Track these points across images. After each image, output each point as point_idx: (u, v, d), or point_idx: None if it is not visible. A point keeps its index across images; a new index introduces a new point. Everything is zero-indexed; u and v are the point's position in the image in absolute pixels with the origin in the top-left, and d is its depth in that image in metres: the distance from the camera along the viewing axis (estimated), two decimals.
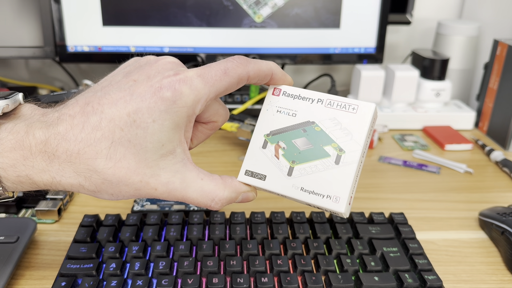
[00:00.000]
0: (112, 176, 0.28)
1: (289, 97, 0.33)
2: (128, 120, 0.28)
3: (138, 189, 0.29)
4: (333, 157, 0.30)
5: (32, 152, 0.28)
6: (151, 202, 0.48)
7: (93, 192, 0.29)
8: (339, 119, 0.31)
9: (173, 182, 0.30)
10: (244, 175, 0.32)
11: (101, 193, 0.29)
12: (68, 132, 0.28)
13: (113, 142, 0.28)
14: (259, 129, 0.33)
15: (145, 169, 0.29)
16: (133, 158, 0.28)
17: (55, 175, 0.28)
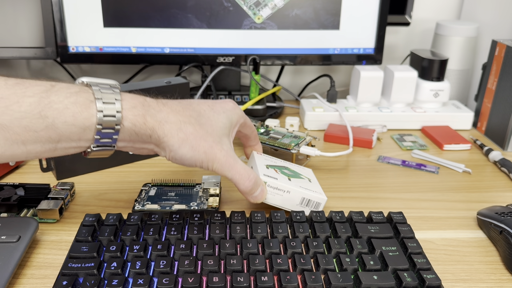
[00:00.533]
0: (198, 130, 0.41)
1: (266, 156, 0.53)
2: (208, 108, 0.44)
3: (211, 146, 0.41)
4: (306, 179, 0.50)
5: (147, 103, 0.39)
6: (152, 202, 0.49)
7: (181, 140, 0.39)
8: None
9: (229, 154, 0.42)
10: (263, 175, 0.46)
11: (184, 144, 0.40)
12: (168, 102, 0.42)
13: (199, 113, 0.42)
14: (260, 163, 0.49)
15: (215, 137, 0.42)
16: (210, 127, 0.42)
17: (161, 119, 0.39)
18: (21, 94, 0.33)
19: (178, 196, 0.50)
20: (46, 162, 0.55)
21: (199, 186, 0.52)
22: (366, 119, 0.73)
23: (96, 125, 0.36)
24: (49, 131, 0.34)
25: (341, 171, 0.60)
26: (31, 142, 0.34)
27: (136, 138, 0.39)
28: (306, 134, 0.61)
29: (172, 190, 0.51)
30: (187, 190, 0.51)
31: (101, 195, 0.52)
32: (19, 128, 0.33)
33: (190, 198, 0.50)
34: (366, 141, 0.66)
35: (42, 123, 0.34)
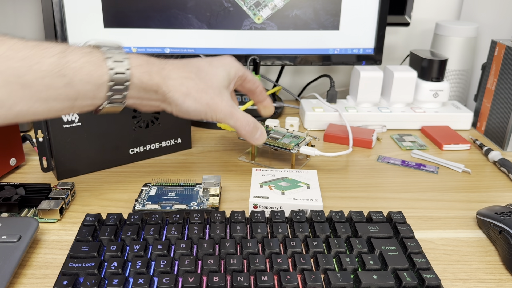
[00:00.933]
0: (199, 84, 0.45)
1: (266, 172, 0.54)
2: (206, 63, 0.48)
3: (212, 98, 0.45)
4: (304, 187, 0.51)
5: (151, 61, 0.43)
6: (152, 202, 0.49)
7: (184, 94, 0.44)
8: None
9: (230, 104, 0.47)
10: (253, 197, 0.48)
11: (187, 97, 0.44)
12: (169, 61, 0.45)
13: (198, 69, 0.46)
14: (254, 183, 0.51)
15: (215, 90, 0.46)
16: (209, 80, 0.46)
17: (164, 76, 0.43)
18: (41, 54, 0.36)
19: (178, 196, 0.50)
20: (47, 162, 0.55)
21: (199, 186, 0.52)
22: (366, 119, 0.73)
23: (108, 82, 0.39)
24: (68, 89, 0.38)
25: (341, 171, 0.60)
26: (51, 100, 0.37)
27: (143, 95, 0.43)
28: (306, 134, 0.61)
29: (172, 190, 0.51)
30: (187, 190, 0.51)
31: (101, 195, 0.52)
32: (41, 86, 0.36)
33: (190, 198, 0.50)
34: (366, 141, 0.66)
35: (61, 81, 0.37)
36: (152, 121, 0.59)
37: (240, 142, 0.67)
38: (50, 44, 0.37)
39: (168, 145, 0.62)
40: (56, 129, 0.52)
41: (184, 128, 0.63)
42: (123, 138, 0.58)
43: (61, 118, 0.52)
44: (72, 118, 0.53)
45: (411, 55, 0.78)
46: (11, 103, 0.36)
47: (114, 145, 0.57)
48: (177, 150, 0.64)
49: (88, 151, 0.56)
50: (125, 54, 0.40)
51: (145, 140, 0.60)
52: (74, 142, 0.54)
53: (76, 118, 0.53)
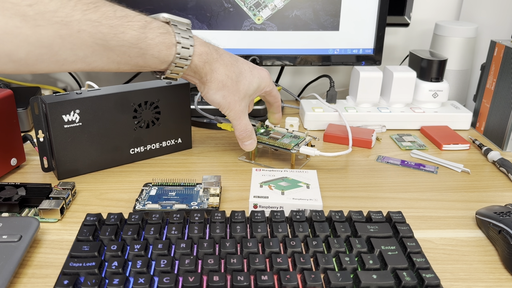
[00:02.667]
0: (234, 86, 0.53)
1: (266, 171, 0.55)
2: (248, 67, 0.55)
3: (234, 100, 0.53)
4: (304, 187, 0.51)
5: (210, 51, 0.51)
6: (153, 202, 0.49)
7: (219, 88, 0.52)
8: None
9: (243, 109, 0.55)
10: (253, 197, 0.49)
11: (219, 91, 0.52)
12: (225, 58, 0.53)
13: (234, 68, 0.53)
14: (255, 182, 0.52)
15: (242, 95, 0.54)
16: (243, 86, 0.54)
17: (214, 69, 0.51)
18: (126, 26, 0.42)
19: (178, 196, 0.50)
20: (47, 162, 0.55)
21: (200, 186, 0.52)
22: (366, 119, 0.73)
23: (172, 63, 0.47)
24: (139, 59, 0.45)
25: (340, 171, 0.60)
26: (123, 63, 0.44)
27: (191, 73, 0.51)
28: (305, 134, 0.61)
29: (173, 190, 0.52)
30: (187, 190, 0.52)
31: (102, 195, 0.52)
32: (120, 52, 0.43)
33: (190, 197, 0.50)
34: (366, 141, 0.67)
35: (137, 52, 0.44)
36: (152, 122, 0.60)
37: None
38: (134, 16, 0.43)
39: (168, 145, 0.62)
40: (57, 129, 0.52)
41: (184, 128, 0.63)
42: (124, 138, 0.58)
43: (61, 119, 0.52)
44: (73, 118, 0.53)
45: (411, 55, 0.78)
46: (92, 60, 0.42)
47: (115, 145, 0.58)
48: (177, 150, 0.64)
49: (88, 151, 0.56)
50: (192, 40, 0.48)
51: (146, 140, 0.60)
52: (75, 142, 0.54)
53: (77, 119, 0.53)
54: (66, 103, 0.52)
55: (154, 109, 0.59)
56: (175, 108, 0.61)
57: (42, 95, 0.82)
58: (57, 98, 0.52)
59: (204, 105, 0.74)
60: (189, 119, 0.63)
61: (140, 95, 0.57)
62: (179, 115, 0.62)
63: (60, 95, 0.54)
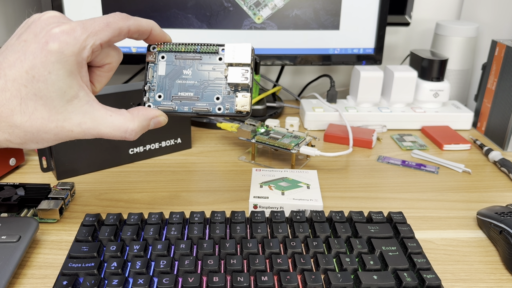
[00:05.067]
0: (30, 128, 0.32)
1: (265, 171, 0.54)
2: (28, 76, 0.31)
3: (57, 133, 0.33)
4: (304, 187, 0.51)
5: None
6: (164, 94, 0.39)
7: (20, 144, 0.33)
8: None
9: (85, 122, 0.34)
10: (253, 197, 0.48)
11: (27, 144, 0.33)
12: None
13: (21, 98, 0.32)
14: (255, 182, 0.51)
15: (56, 116, 0.33)
16: (43, 108, 0.32)
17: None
18: None
19: (196, 79, 0.38)
20: (46, 162, 0.55)
21: (222, 49, 0.38)
22: (366, 119, 0.73)
23: None
24: None
25: (341, 171, 0.60)
26: None
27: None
28: (306, 134, 0.61)
29: (189, 64, 0.38)
30: (207, 61, 0.38)
31: (101, 195, 0.52)
32: None
33: (213, 82, 0.38)
34: (366, 141, 0.66)
35: None
36: None
37: (240, 142, 0.67)
38: None
39: (168, 145, 0.62)
40: None
41: (184, 128, 0.63)
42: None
43: None
44: None
45: (411, 55, 0.78)
46: None
47: (114, 145, 0.57)
48: (177, 150, 0.64)
49: (87, 151, 0.56)
50: None
51: (145, 140, 0.60)
52: (74, 142, 0.54)
53: None
54: None
55: None
56: None
57: None
58: None
59: None
60: (189, 119, 0.63)
61: (139, 95, 0.57)
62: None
63: None
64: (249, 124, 0.62)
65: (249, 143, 0.61)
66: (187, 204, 0.51)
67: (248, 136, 0.60)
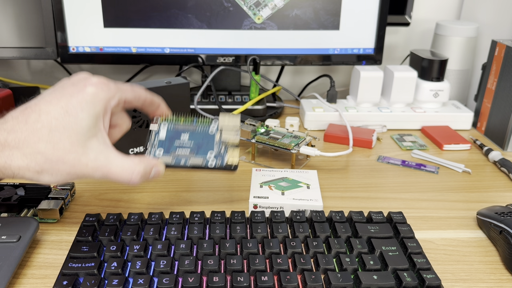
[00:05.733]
0: (52, 156, 0.35)
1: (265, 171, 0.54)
2: (62, 111, 0.36)
3: (73, 165, 0.36)
4: (304, 187, 0.50)
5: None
6: (164, 149, 0.44)
7: (37, 172, 0.36)
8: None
9: (99, 159, 0.37)
10: (253, 197, 0.48)
11: (43, 174, 0.36)
12: (14, 126, 0.35)
13: (50, 129, 0.35)
14: (255, 182, 0.51)
15: (77, 148, 0.36)
16: (67, 140, 0.36)
17: (6, 159, 0.35)
18: None
19: (192, 140, 0.45)
20: None
21: (215, 121, 0.46)
22: (366, 119, 0.73)
23: None
24: None
25: (341, 171, 0.60)
26: None
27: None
28: (306, 134, 0.61)
29: (185, 130, 0.45)
30: (202, 131, 0.45)
31: (101, 195, 0.52)
32: None
33: (206, 144, 0.44)
34: (366, 141, 0.66)
35: None
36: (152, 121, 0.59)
37: (240, 142, 0.67)
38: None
39: None
40: None
41: None
42: (123, 138, 0.57)
43: None
44: None
45: (411, 55, 0.78)
46: None
47: (114, 145, 0.57)
48: None
49: None
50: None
51: (145, 140, 0.60)
52: None
53: None
54: None
55: None
56: (174, 108, 0.60)
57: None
58: None
59: (204, 105, 0.74)
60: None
61: None
62: (179, 113, 0.61)
63: None
64: (249, 124, 0.62)
65: (249, 143, 0.61)
66: (187, 204, 0.51)
67: (248, 136, 0.60)
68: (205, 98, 0.75)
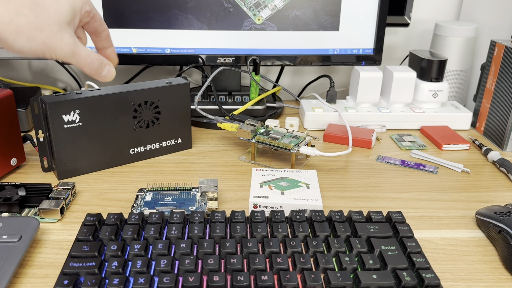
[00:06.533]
0: (33, 21, 0.40)
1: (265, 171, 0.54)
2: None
3: (50, 36, 0.41)
4: (304, 187, 0.51)
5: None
6: (149, 208, 0.49)
7: (15, 33, 0.39)
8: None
9: (71, 41, 0.43)
10: (253, 197, 0.48)
11: (19, 36, 0.39)
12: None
13: (34, 1, 0.40)
14: (255, 182, 0.52)
15: (54, 26, 0.41)
16: (47, 15, 0.40)
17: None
18: None
19: (175, 201, 0.50)
20: (47, 162, 0.55)
21: (196, 189, 0.52)
22: (366, 119, 0.73)
23: None
24: None
25: (340, 171, 0.60)
26: None
27: None
28: (305, 134, 0.61)
29: (169, 194, 0.51)
30: (184, 194, 0.51)
31: (102, 195, 0.52)
32: None
33: (188, 202, 0.50)
34: (366, 141, 0.67)
35: None
36: (152, 121, 0.60)
37: (240, 142, 0.67)
38: None
39: (168, 145, 0.62)
40: (57, 129, 0.52)
41: (184, 129, 0.63)
42: (124, 138, 0.58)
43: (61, 119, 0.52)
44: (73, 118, 0.53)
45: (411, 55, 0.79)
46: None
47: (115, 145, 0.58)
48: (177, 150, 0.64)
49: (88, 151, 0.56)
50: None
51: (146, 140, 0.60)
52: (75, 142, 0.54)
53: (77, 119, 0.53)
54: (66, 103, 0.52)
55: (154, 109, 0.59)
56: (175, 108, 0.61)
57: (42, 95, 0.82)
58: (57, 98, 0.52)
59: (204, 105, 0.74)
60: (189, 119, 0.63)
61: (140, 95, 0.57)
62: (179, 115, 0.62)
63: (60, 95, 0.54)
64: (249, 124, 0.62)
65: (249, 143, 0.62)
66: None
67: (248, 136, 0.60)
68: (205, 99, 0.75)
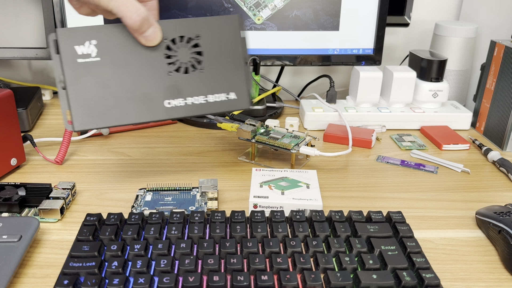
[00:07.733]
0: None
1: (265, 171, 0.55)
2: None
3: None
4: (304, 187, 0.51)
5: None
6: (149, 208, 0.49)
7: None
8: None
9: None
10: (253, 197, 0.48)
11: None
12: None
13: None
14: (255, 182, 0.52)
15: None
16: None
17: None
18: None
19: (175, 201, 0.50)
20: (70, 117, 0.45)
21: (196, 189, 0.52)
22: (365, 119, 0.73)
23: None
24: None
25: (340, 171, 0.60)
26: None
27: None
28: (305, 134, 0.61)
29: (169, 194, 0.51)
30: (184, 194, 0.51)
31: (102, 195, 0.52)
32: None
33: (188, 202, 0.50)
34: (365, 141, 0.67)
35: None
36: (192, 65, 0.46)
37: (240, 142, 0.68)
38: None
39: (217, 101, 0.47)
40: (69, 65, 0.43)
41: (237, 79, 0.47)
42: (155, 84, 0.45)
43: (74, 51, 0.43)
44: (88, 51, 0.44)
45: (411, 55, 0.79)
46: None
47: (143, 92, 0.45)
48: (230, 109, 0.48)
49: (110, 96, 0.44)
50: None
51: (185, 90, 0.46)
52: (92, 83, 0.44)
53: (93, 52, 0.44)
54: (80, 30, 0.43)
55: (192, 47, 0.46)
56: (222, 49, 0.47)
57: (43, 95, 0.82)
58: (72, 28, 0.44)
59: None
60: (243, 66, 0.48)
61: (174, 27, 0.45)
62: (228, 59, 0.47)
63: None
64: (249, 124, 0.62)
65: (249, 143, 0.62)
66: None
67: (248, 136, 0.60)
68: None
